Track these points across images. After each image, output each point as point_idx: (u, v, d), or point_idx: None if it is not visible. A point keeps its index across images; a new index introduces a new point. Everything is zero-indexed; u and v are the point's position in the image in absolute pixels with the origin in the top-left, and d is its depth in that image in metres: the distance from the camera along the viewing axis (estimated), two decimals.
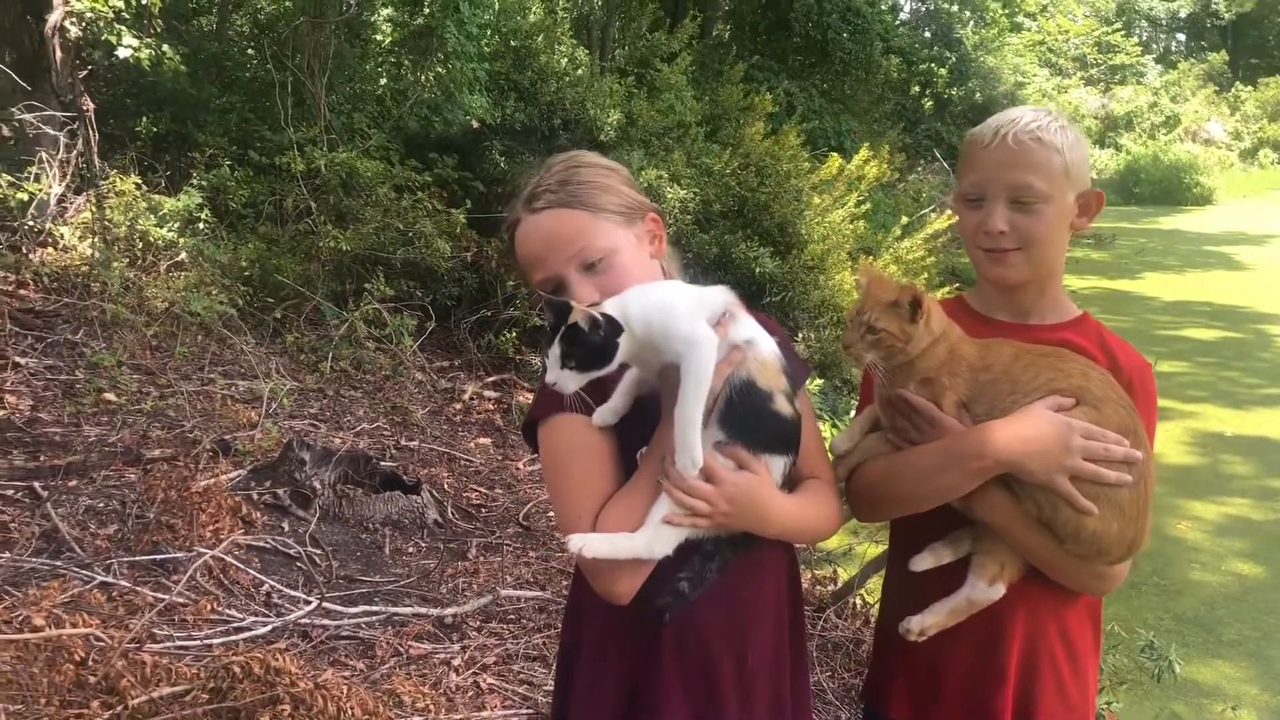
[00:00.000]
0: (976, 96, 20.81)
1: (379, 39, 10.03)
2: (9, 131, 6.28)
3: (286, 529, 3.97)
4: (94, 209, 6.13)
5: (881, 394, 1.67)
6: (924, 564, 1.64)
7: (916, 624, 1.63)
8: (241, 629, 3.15)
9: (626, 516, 1.42)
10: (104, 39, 6.52)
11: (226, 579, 3.45)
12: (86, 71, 6.83)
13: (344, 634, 3.31)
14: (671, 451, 1.38)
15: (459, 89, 8.48)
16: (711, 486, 1.39)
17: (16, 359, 4.81)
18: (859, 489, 1.68)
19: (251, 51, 9.15)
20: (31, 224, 5.93)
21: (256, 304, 6.17)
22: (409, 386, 5.93)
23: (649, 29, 10.43)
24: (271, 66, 7.49)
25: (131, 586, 3.19)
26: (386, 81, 9.48)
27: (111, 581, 3.20)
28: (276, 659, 2.62)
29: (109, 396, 4.67)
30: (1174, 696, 3.86)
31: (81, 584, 3.12)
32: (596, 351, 1.39)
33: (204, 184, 6.64)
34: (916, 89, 19.84)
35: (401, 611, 3.50)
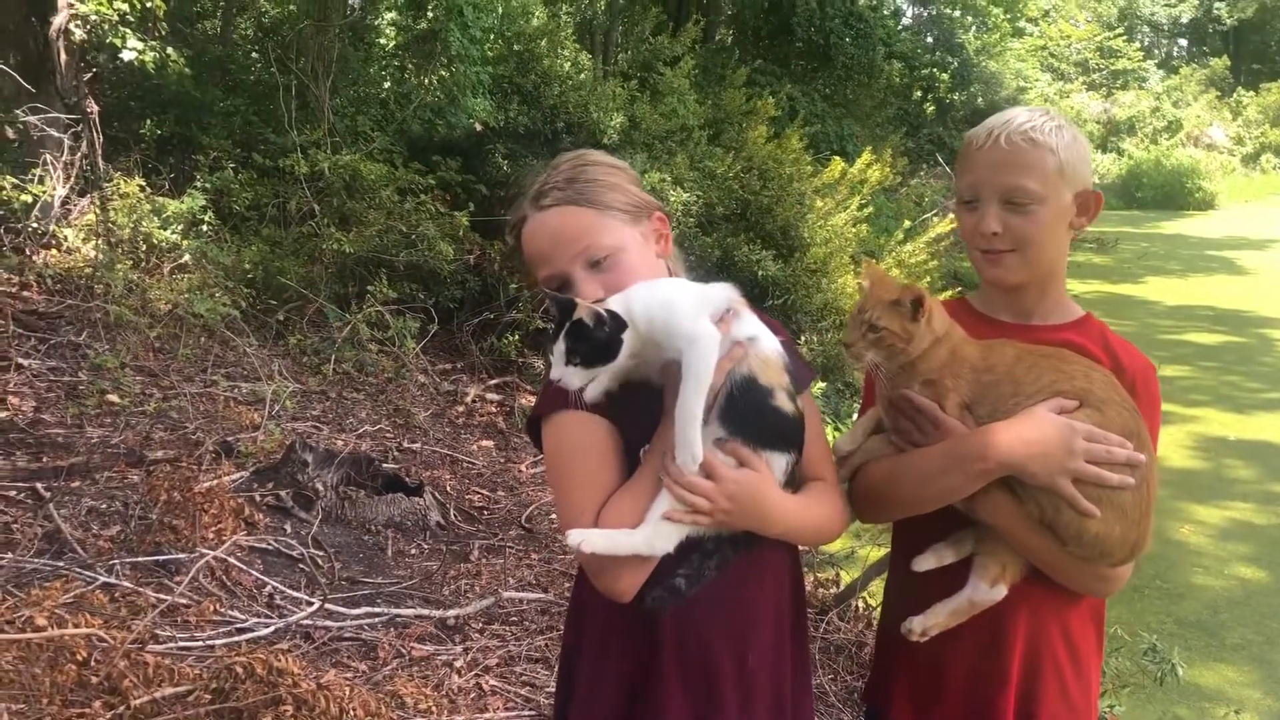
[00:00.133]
0: (979, 101, 20.84)
1: (383, 42, 10.06)
2: (13, 134, 6.30)
3: (289, 530, 3.97)
4: (98, 211, 6.15)
5: (884, 395, 1.67)
6: (926, 564, 1.63)
7: (918, 624, 1.63)
8: (244, 630, 3.15)
9: (628, 513, 1.41)
10: (109, 42, 6.53)
11: (229, 580, 3.45)
12: (91, 74, 6.85)
13: (346, 635, 3.31)
14: (672, 448, 1.38)
15: (462, 92, 8.49)
16: (712, 483, 1.38)
17: (20, 360, 4.82)
18: (862, 490, 1.68)
19: (255, 55, 9.17)
20: (35, 226, 5.94)
21: (259, 306, 6.18)
22: (411, 389, 5.93)
23: (652, 33, 10.47)
24: (275, 70, 7.52)
25: (134, 587, 3.19)
26: (390, 85, 9.51)
27: (114, 582, 3.20)
28: (279, 660, 2.62)
29: (112, 398, 4.68)
30: (1177, 700, 3.85)
31: (84, 585, 3.12)
32: (601, 347, 1.39)
33: (208, 186, 6.66)
34: (919, 94, 19.86)
35: (404, 613, 3.50)
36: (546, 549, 4.35)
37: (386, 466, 4.64)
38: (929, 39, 22.38)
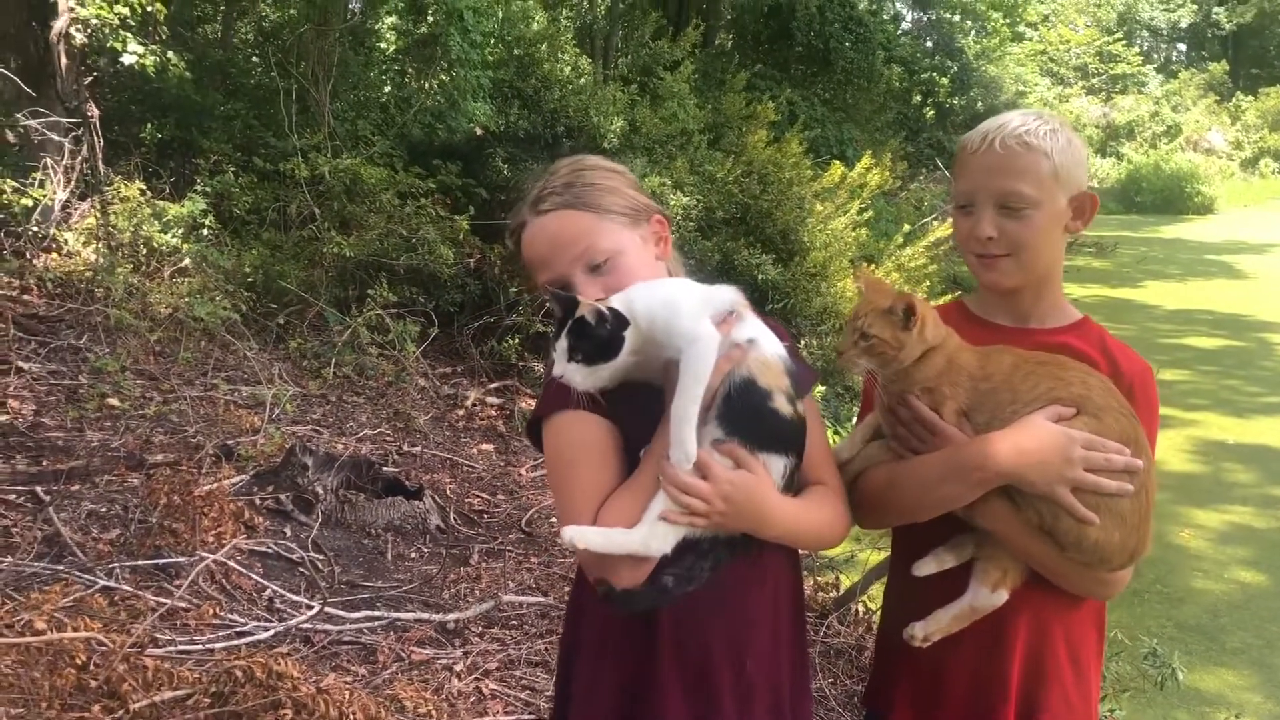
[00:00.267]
0: (978, 106, 20.85)
1: (383, 47, 10.08)
2: (14, 137, 6.31)
3: (289, 534, 3.97)
4: (98, 215, 6.16)
5: (882, 402, 1.67)
6: (927, 569, 1.63)
7: (920, 630, 1.62)
8: (244, 634, 3.14)
9: (626, 513, 1.40)
10: (109, 46, 6.54)
11: (229, 584, 3.45)
12: (92, 78, 6.86)
13: (346, 639, 3.31)
14: (667, 446, 1.38)
15: (462, 96, 8.50)
16: (708, 485, 1.37)
17: (20, 364, 4.83)
18: (861, 497, 1.67)
19: (256, 59, 9.18)
20: (36, 229, 5.95)
21: (260, 310, 6.19)
22: (411, 392, 5.94)
23: (652, 37, 10.47)
24: (276, 74, 7.53)
25: (133, 591, 3.19)
26: (390, 89, 9.53)
27: (113, 586, 3.20)
28: (278, 664, 2.62)
29: (112, 401, 4.68)
30: (1177, 704, 3.85)
31: (83, 588, 3.12)
32: (603, 345, 1.39)
33: (208, 190, 6.67)
34: (918, 98, 19.88)
35: (403, 617, 3.50)
36: (546, 553, 4.35)
37: (386, 470, 4.64)
38: (928, 43, 22.43)
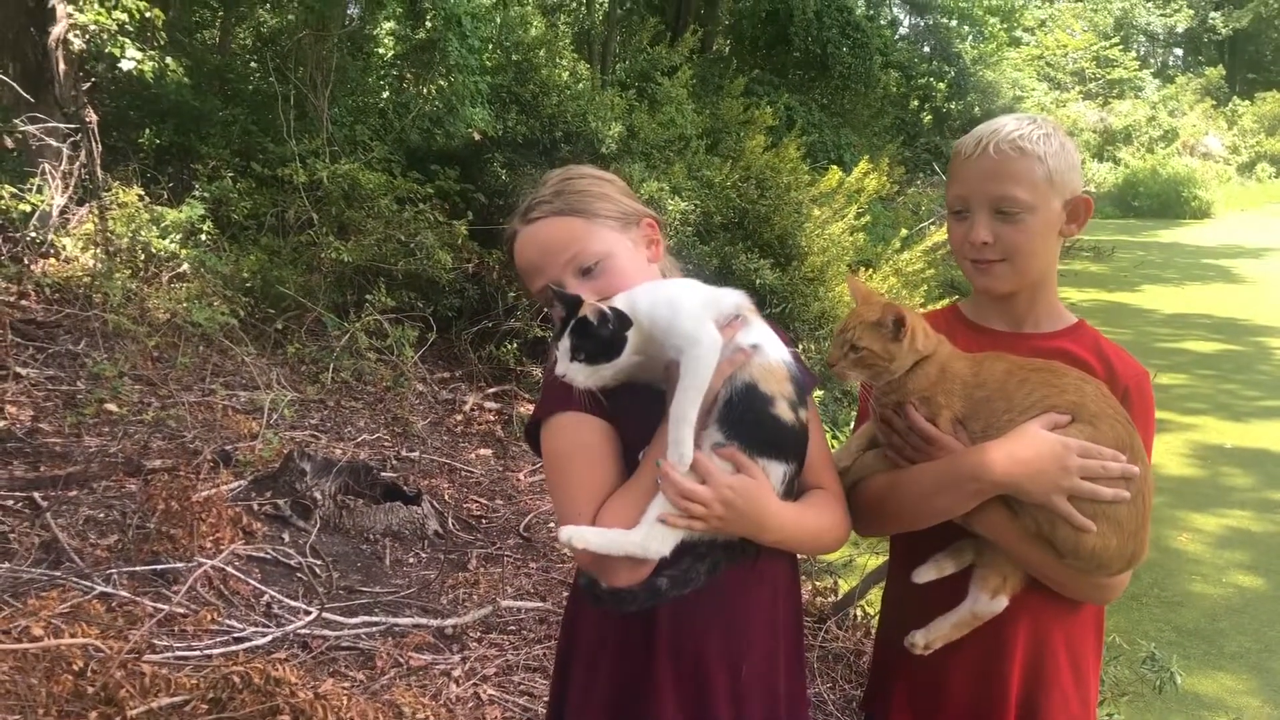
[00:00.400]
0: (975, 110, 20.88)
1: (381, 52, 10.09)
2: (12, 143, 6.31)
3: (287, 539, 3.97)
4: (96, 220, 6.15)
5: (877, 412, 1.67)
6: (927, 575, 1.63)
7: (921, 638, 1.62)
8: (241, 639, 3.14)
9: (624, 514, 1.39)
10: (107, 51, 6.54)
11: (227, 589, 3.44)
12: (90, 84, 6.86)
13: (344, 645, 3.31)
14: (665, 448, 1.38)
15: (461, 102, 8.50)
16: (707, 488, 1.37)
17: (18, 369, 4.82)
18: (858, 506, 1.67)
19: (254, 64, 9.19)
20: (34, 235, 5.95)
21: (258, 315, 6.18)
22: (410, 397, 5.93)
23: (649, 43, 10.47)
24: (274, 79, 7.52)
25: (131, 597, 3.19)
26: (388, 94, 9.53)
27: (111, 592, 3.19)
28: (276, 669, 2.62)
29: (110, 407, 4.68)
30: (1175, 709, 3.85)
31: (81, 594, 3.11)
32: (605, 344, 1.39)
33: (206, 195, 6.66)
34: (915, 103, 19.92)
35: (402, 622, 3.49)
36: (545, 558, 4.35)
37: (385, 475, 4.63)
38: (926, 49, 22.46)
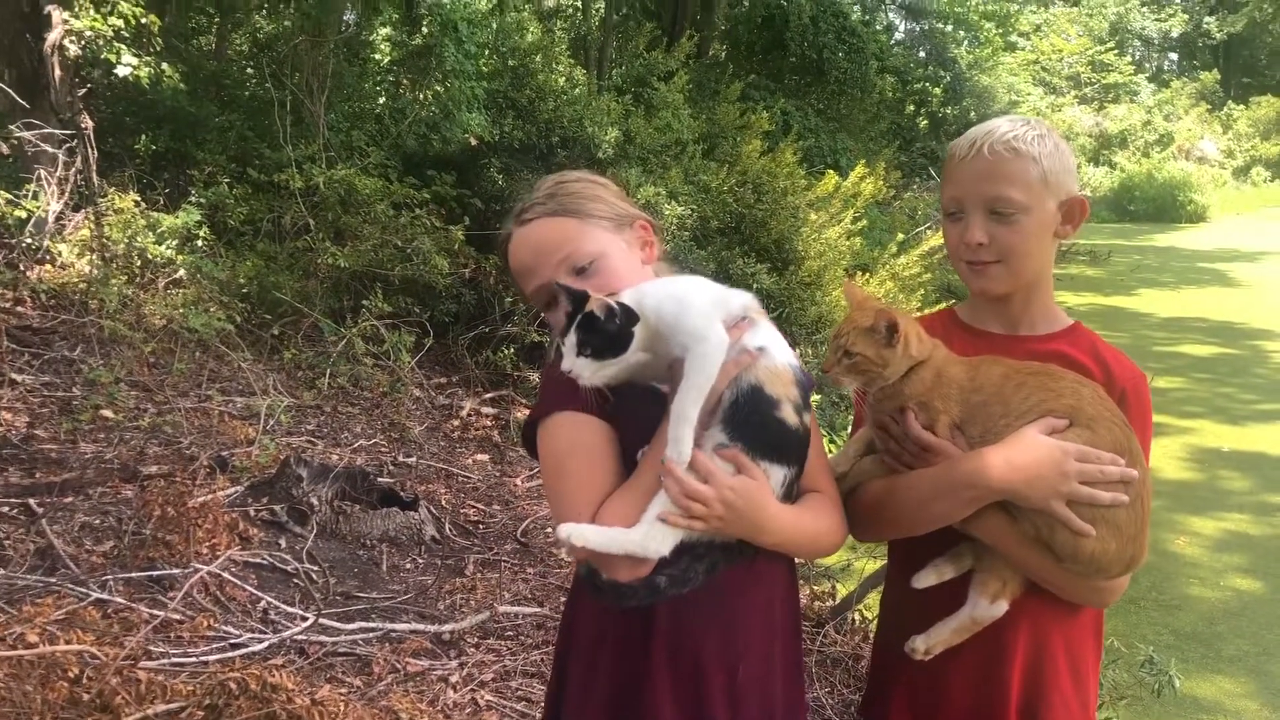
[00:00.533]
0: (971, 115, 20.88)
1: (377, 58, 10.10)
2: (8, 149, 6.29)
3: (283, 545, 3.96)
4: (92, 226, 6.14)
5: (873, 418, 1.67)
6: (927, 580, 1.62)
7: (921, 643, 1.62)
8: (238, 645, 3.13)
9: (623, 514, 1.39)
10: (103, 57, 6.53)
11: (223, 595, 3.43)
12: (86, 90, 6.85)
13: (341, 650, 3.30)
14: (664, 445, 1.37)
15: (457, 107, 8.51)
16: (709, 488, 1.37)
17: (13, 376, 4.81)
18: (856, 512, 1.67)
19: (250, 70, 9.19)
20: (30, 241, 5.93)
21: (254, 321, 6.18)
22: (407, 403, 5.92)
23: (646, 48, 10.46)
24: (270, 85, 7.52)
25: (127, 603, 3.18)
26: (385, 100, 9.53)
27: (107, 598, 3.19)
28: (273, 675, 2.61)
29: (106, 413, 4.67)
30: (1174, 712, 3.84)
31: (76, 601, 3.10)
32: (612, 340, 1.38)
33: (203, 201, 6.65)
34: (911, 108, 19.94)
35: (399, 628, 3.48)
36: (542, 563, 4.34)
37: (381, 481, 4.62)
38: (921, 54, 22.48)
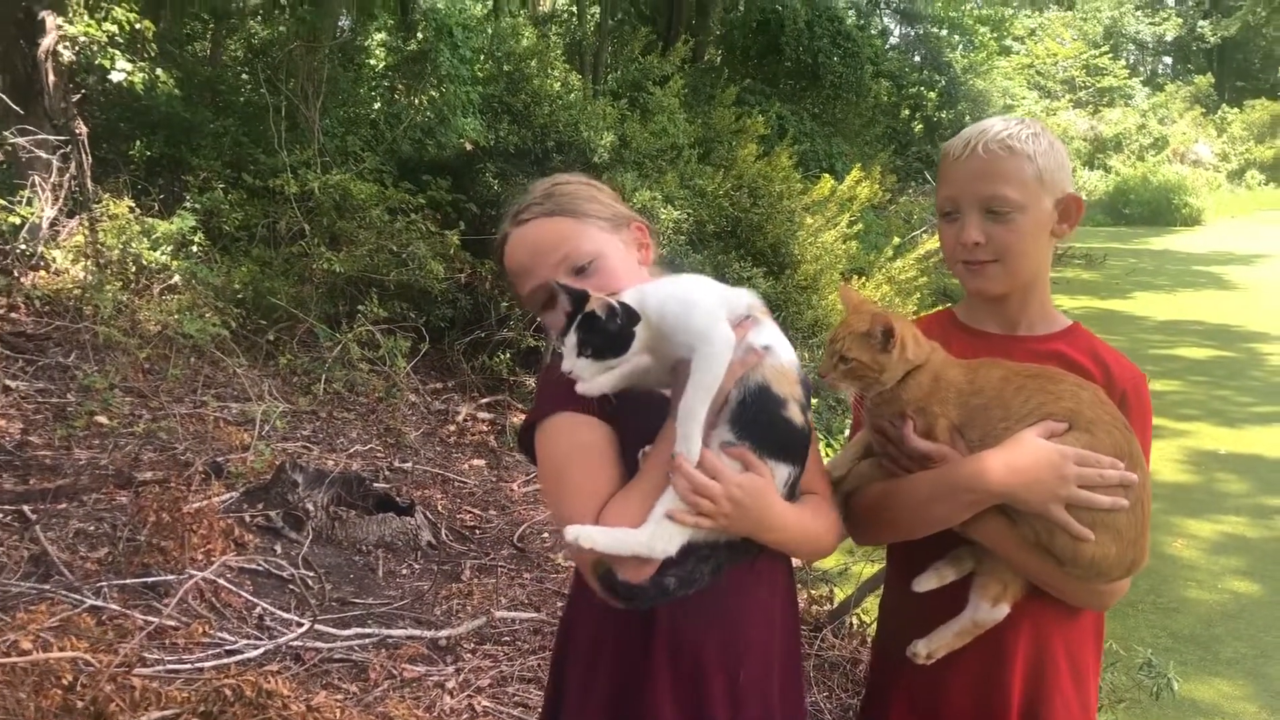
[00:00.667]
0: (966, 119, 20.90)
1: (372, 63, 10.09)
2: (2, 155, 6.29)
3: (279, 551, 3.94)
4: (87, 232, 6.13)
5: (871, 422, 1.66)
6: (928, 584, 1.61)
7: (923, 647, 1.60)
8: (233, 652, 3.12)
9: (628, 514, 1.37)
10: (97, 63, 6.53)
11: (218, 601, 3.42)
12: (80, 95, 6.84)
13: (337, 656, 3.28)
14: (671, 442, 1.36)
15: (452, 112, 8.51)
16: (718, 485, 1.36)
17: (7, 382, 4.79)
18: (855, 515, 1.66)
19: (245, 76, 9.18)
20: (24, 247, 5.92)
21: (249, 326, 6.16)
22: (402, 408, 5.91)
23: (641, 53, 10.48)
24: (265, 90, 7.52)
25: (121, 610, 3.16)
26: (380, 105, 9.52)
27: (101, 605, 3.17)
28: (268, 682, 2.60)
29: (101, 419, 4.65)
30: (1172, 715, 3.83)
31: (70, 607, 3.09)
32: (613, 340, 1.37)
33: (197, 207, 6.64)
34: (906, 112, 19.96)
35: (395, 634, 3.47)
36: (539, 568, 4.33)
37: (377, 486, 4.61)
38: (916, 58, 22.53)
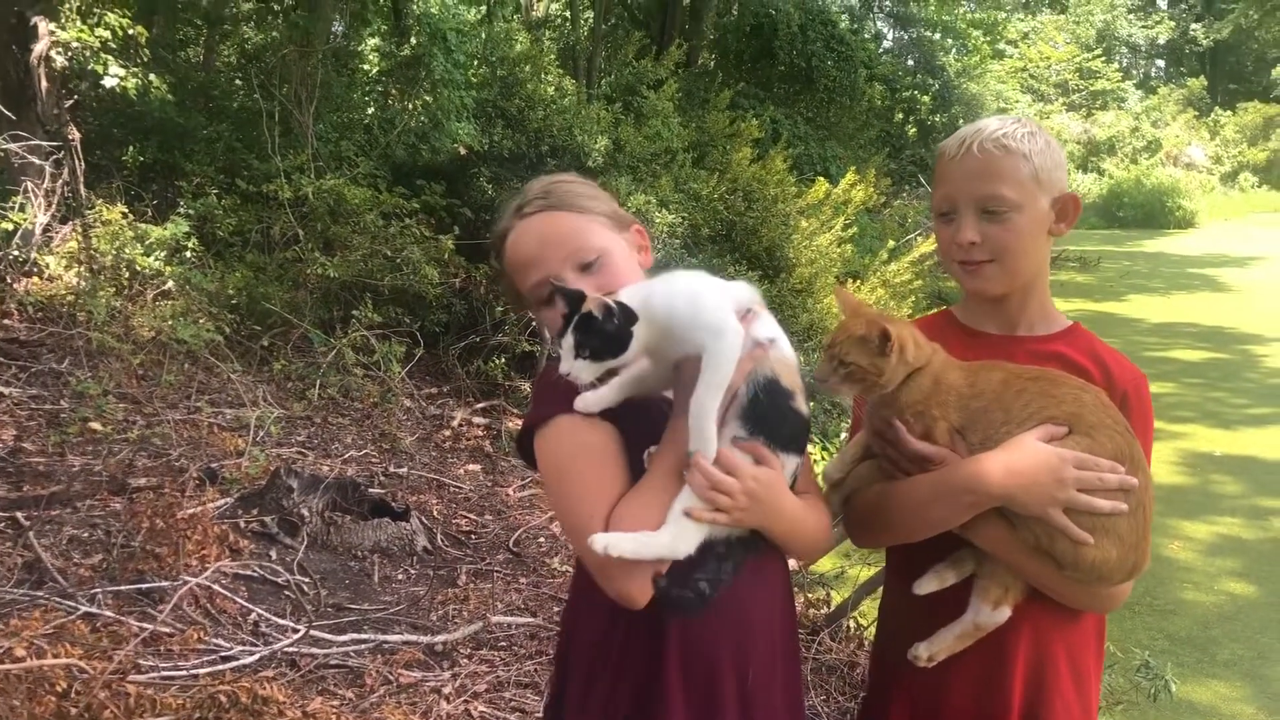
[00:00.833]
0: (960, 123, 20.93)
1: (366, 68, 10.10)
2: None
3: (274, 557, 3.93)
4: (80, 238, 6.11)
5: (871, 424, 1.65)
6: (928, 587, 1.60)
7: (924, 650, 1.60)
8: (228, 658, 3.10)
9: (641, 515, 1.35)
10: (90, 69, 6.52)
11: (213, 608, 3.40)
12: (73, 101, 6.82)
13: (333, 663, 3.27)
14: (685, 440, 1.35)
15: (446, 117, 8.50)
16: (735, 480, 1.35)
17: (0, 389, 4.77)
18: (854, 517, 1.65)
19: (239, 81, 9.17)
20: (16, 253, 5.90)
21: (244, 332, 6.15)
22: (397, 413, 5.90)
23: (635, 57, 10.50)
24: (259, 96, 7.50)
25: (116, 616, 3.14)
26: (374, 110, 9.53)
27: (95, 611, 3.15)
28: (264, 688, 2.59)
29: (94, 426, 4.63)
30: (1170, 717, 3.83)
31: (64, 614, 3.07)
32: (611, 340, 1.36)
33: (191, 212, 6.62)
34: (900, 115, 20.00)
35: (391, 639, 3.45)
36: (535, 573, 4.31)
37: (372, 491, 4.60)
38: (910, 62, 22.57)
